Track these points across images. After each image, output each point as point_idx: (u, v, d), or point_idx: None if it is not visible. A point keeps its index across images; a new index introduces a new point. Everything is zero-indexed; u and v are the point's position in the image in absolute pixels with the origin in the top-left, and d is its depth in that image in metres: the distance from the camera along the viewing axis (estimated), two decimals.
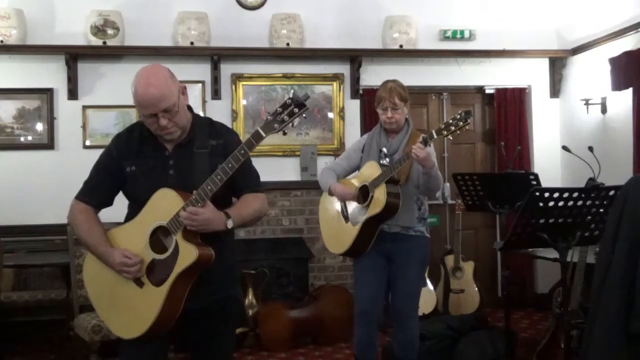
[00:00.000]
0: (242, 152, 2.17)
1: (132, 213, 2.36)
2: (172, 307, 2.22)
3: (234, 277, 2.50)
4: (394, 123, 3.42)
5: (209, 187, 2.17)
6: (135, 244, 2.27)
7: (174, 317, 2.24)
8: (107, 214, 2.47)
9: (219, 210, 2.23)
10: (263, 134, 2.17)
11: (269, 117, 2.17)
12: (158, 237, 2.26)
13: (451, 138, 3.17)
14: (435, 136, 3.12)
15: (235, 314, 2.50)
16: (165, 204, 2.22)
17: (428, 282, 5.38)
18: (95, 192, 2.40)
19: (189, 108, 2.37)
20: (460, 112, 3.08)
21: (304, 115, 2.16)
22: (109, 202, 2.43)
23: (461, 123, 3.05)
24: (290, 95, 2.15)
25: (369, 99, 5.38)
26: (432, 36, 5.96)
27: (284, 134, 2.20)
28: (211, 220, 2.18)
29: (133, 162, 2.33)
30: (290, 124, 2.16)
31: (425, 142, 3.12)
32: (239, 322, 4.54)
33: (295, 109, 2.14)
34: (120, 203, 2.45)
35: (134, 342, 2.27)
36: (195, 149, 2.30)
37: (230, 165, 2.17)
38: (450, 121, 3.09)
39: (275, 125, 2.15)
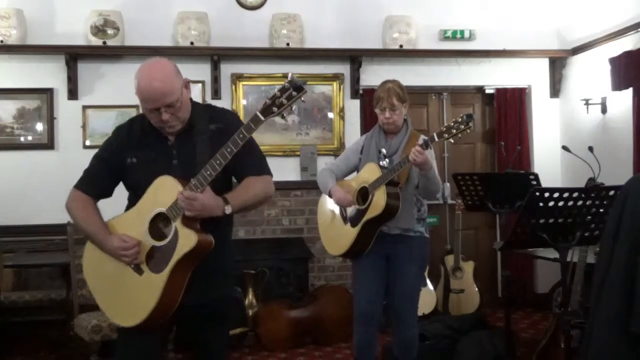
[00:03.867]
0: (241, 136, 2.16)
1: (132, 203, 2.36)
2: (172, 295, 2.21)
3: (231, 276, 2.50)
4: (392, 124, 3.41)
5: (208, 172, 2.16)
6: (135, 231, 2.27)
7: (174, 305, 2.23)
8: (108, 211, 2.46)
9: (218, 194, 2.23)
10: (262, 118, 2.16)
11: (267, 101, 2.16)
12: (157, 225, 2.25)
13: (452, 141, 3.16)
14: (436, 139, 3.10)
15: (233, 314, 2.50)
16: (164, 191, 2.22)
17: (428, 282, 5.38)
18: (94, 183, 2.39)
19: (190, 100, 2.36)
20: (462, 115, 3.06)
21: (302, 99, 2.15)
22: (108, 193, 2.42)
23: (463, 126, 3.03)
24: (288, 78, 2.13)
25: (369, 99, 5.38)
26: (432, 36, 5.96)
27: (282, 117, 2.19)
28: (209, 205, 2.18)
29: (134, 153, 2.33)
30: (289, 108, 2.15)
31: (426, 145, 3.11)
32: (235, 322, 4.54)
33: (293, 92, 2.12)
34: (120, 198, 2.45)
35: (131, 337, 2.27)
36: (196, 134, 2.29)
37: (229, 149, 2.16)
38: (452, 124, 3.07)
39: (274, 108, 2.14)
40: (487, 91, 6.17)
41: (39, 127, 5.40)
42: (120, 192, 2.45)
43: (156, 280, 2.20)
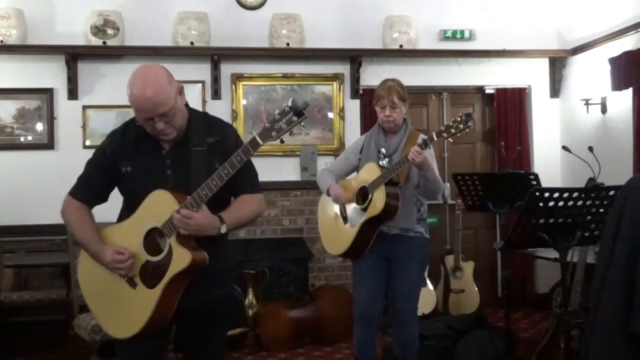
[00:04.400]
0: (239, 158, 2.15)
1: (126, 211, 2.35)
2: (165, 309, 2.22)
3: (230, 277, 2.50)
4: (391, 122, 3.41)
5: (204, 192, 2.15)
6: (130, 244, 2.26)
7: (167, 318, 2.25)
8: (103, 214, 2.46)
9: (215, 212, 2.22)
10: (260, 142, 2.15)
11: (266, 125, 2.14)
12: (153, 239, 2.25)
13: (451, 141, 3.17)
14: (435, 138, 3.11)
15: (232, 314, 2.50)
16: (160, 205, 2.21)
17: (428, 282, 5.38)
18: (89, 190, 2.39)
19: (186, 105, 2.34)
20: (461, 114, 3.06)
21: (302, 124, 2.14)
22: (102, 199, 2.42)
23: (462, 126, 3.04)
24: (289, 104, 2.12)
25: (369, 99, 5.38)
26: (432, 36, 5.96)
27: (282, 141, 2.18)
28: (204, 225, 2.17)
29: (129, 162, 2.31)
30: (288, 133, 2.14)
31: (425, 145, 3.11)
32: (234, 322, 4.54)
33: (293, 117, 2.11)
34: (116, 202, 2.44)
35: (130, 340, 2.27)
36: (192, 146, 2.27)
37: (226, 171, 2.15)
38: (451, 123, 3.07)
39: (273, 133, 2.13)
40: (487, 91, 6.17)
41: (39, 127, 5.40)
42: (116, 195, 2.45)
43: (149, 295, 2.20)
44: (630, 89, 4.95)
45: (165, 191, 2.22)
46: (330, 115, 5.80)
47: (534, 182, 3.84)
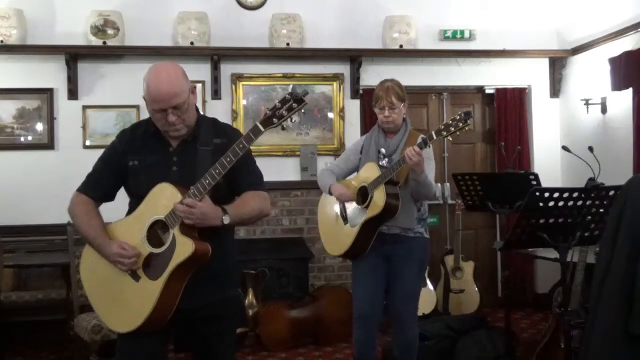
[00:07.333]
0: (241, 145, 2.19)
1: (132, 209, 2.36)
2: (168, 302, 2.21)
3: (233, 278, 2.50)
4: (391, 123, 3.41)
5: (207, 181, 2.18)
6: (133, 237, 2.27)
7: (169, 311, 2.23)
8: (109, 214, 2.47)
9: (218, 205, 2.23)
10: (262, 129, 2.19)
11: (267, 112, 2.19)
12: (156, 231, 2.26)
13: (451, 139, 3.16)
14: (434, 137, 3.11)
15: (234, 316, 2.49)
16: (163, 198, 2.23)
17: (428, 282, 5.38)
18: (97, 186, 2.41)
19: (195, 108, 2.40)
20: (460, 113, 3.07)
21: (302, 110, 2.19)
22: (110, 197, 2.43)
23: (461, 124, 3.04)
24: (290, 91, 2.18)
25: (369, 99, 5.36)
26: (432, 36, 5.96)
27: (283, 128, 2.23)
28: (207, 214, 2.18)
29: (136, 157, 2.34)
30: (289, 119, 2.18)
31: (424, 144, 3.12)
32: (238, 323, 4.54)
33: (294, 104, 2.17)
34: (123, 202, 2.45)
35: (131, 338, 2.27)
36: (199, 146, 2.31)
37: (228, 159, 2.18)
38: (450, 122, 3.07)
39: (274, 120, 2.18)
40: (487, 91, 6.17)
41: (39, 127, 5.40)
42: (122, 197, 2.46)
43: (152, 286, 2.20)
44: (630, 89, 4.95)
45: (168, 184, 2.24)
46: (330, 115, 5.80)
47: (534, 182, 3.84)
